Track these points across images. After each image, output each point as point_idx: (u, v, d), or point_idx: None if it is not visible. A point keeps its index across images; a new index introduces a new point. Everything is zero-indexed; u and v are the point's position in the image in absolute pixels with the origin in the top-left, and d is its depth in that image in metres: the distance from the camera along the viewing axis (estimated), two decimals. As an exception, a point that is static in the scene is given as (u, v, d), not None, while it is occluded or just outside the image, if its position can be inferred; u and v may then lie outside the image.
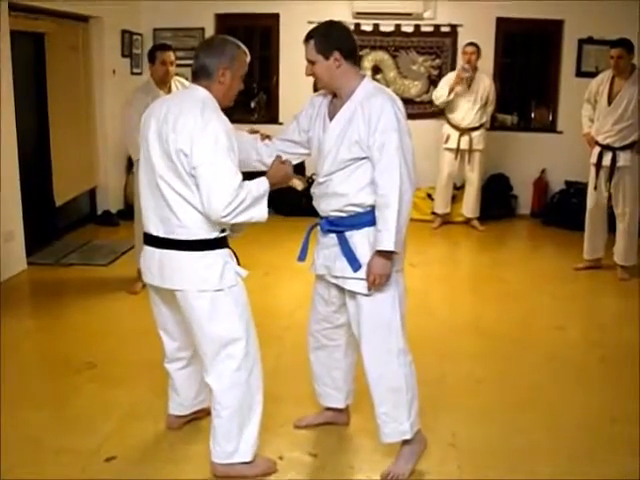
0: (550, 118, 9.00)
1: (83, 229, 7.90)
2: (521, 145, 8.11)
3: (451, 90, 7.71)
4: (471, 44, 7.80)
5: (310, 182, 8.66)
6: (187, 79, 7.65)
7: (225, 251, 3.08)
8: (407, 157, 3.00)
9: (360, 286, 3.12)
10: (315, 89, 8.83)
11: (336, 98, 3.19)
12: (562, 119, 8.80)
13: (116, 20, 8.15)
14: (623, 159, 6.25)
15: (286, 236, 6.75)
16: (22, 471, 3.25)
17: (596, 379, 4.40)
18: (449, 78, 7.85)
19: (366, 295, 3.13)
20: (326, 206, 3.19)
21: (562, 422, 3.82)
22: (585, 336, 5.16)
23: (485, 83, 7.85)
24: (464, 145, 7.88)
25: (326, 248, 3.25)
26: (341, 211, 3.14)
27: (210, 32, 8.87)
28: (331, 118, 3.16)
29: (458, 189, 8.51)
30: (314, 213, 3.25)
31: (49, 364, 4.52)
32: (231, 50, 3.07)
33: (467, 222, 8.28)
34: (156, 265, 3.08)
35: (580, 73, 8.58)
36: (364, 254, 3.10)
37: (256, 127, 3.69)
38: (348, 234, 3.15)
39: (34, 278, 6.26)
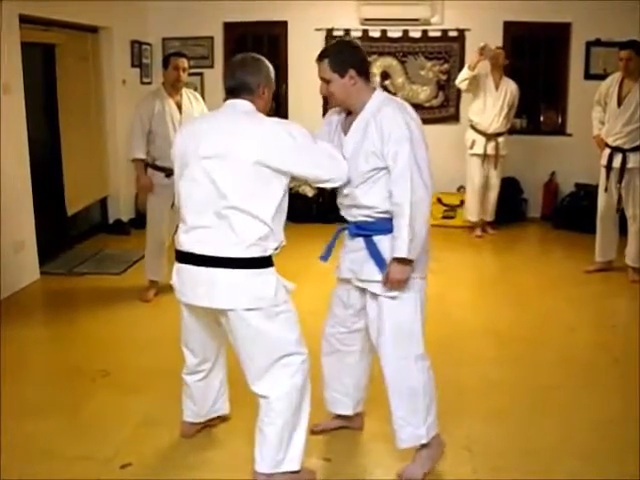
0: (559, 121, 8.99)
1: (95, 238, 7.93)
2: (530, 148, 8.11)
3: (473, 66, 7.63)
4: (498, 47, 7.83)
5: (319, 189, 8.70)
6: (196, 89, 7.76)
7: (274, 268, 3.09)
8: (421, 165, 3.02)
9: (387, 289, 3.15)
10: (325, 98, 8.90)
11: (350, 114, 3.22)
12: (571, 122, 8.79)
13: (125, 30, 8.21)
14: (633, 161, 6.24)
15: (297, 242, 6.76)
16: (36, 479, 3.27)
17: (608, 381, 4.39)
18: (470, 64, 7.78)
19: (391, 298, 3.15)
20: (355, 214, 3.22)
21: (576, 424, 3.81)
22: (597, 338, 5.15)
23: (511, 87, 7.81)
24: (490, 150, 7.84)
25: (353, 252, 3.27)
26: (369, 217, 3.17)
27: (219, 41, 8.93)
28: (346, 133, 3.20)
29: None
30: (324, 219, 3.29)
31: (63, 372, 4.54)
32: (266, 69, 3.18)
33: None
34: (204, 284, 3.01)
35: (588, 75, 8.56)
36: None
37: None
38: (376, 238, 3.18)
39: (47, 288, 6.30)
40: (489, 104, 7.78)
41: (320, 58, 3.16)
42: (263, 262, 3.01)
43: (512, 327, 5.30)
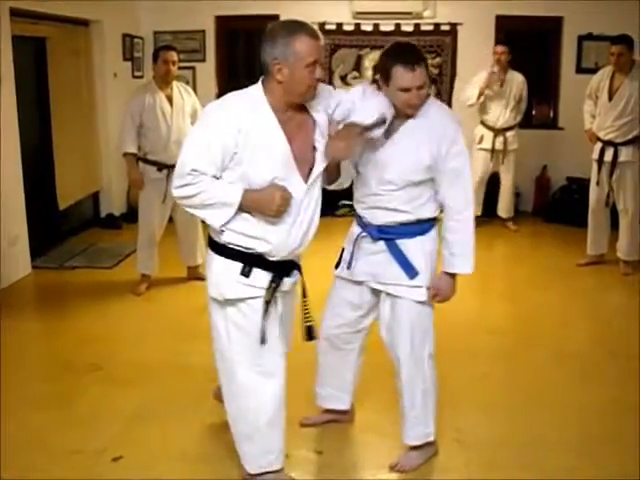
0: (551, 114, 9.00)
1: (87, 232, 7.91)
2: (522, 142, 8.09)
3: (480, 93, 7.59)
4: (501, 44, 7.80)
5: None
6: (187, 82, 7.75)
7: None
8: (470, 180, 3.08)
9: (414, 293, 3.15)
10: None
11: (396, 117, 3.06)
12: (563, 115, 8.80)
13: (117, 24, 8.18)
14: (624, 154, 6.26)
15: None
16: (29, 471, 3.28)
17: (602, 373, 4.40)
18: (478, 78, 7.67)
19: (419, 302, 3.16)
20: (381, 218, 3.14)
21: (568, 417, 3.83)
22: (589, 331, 5.17)
23: (518, 80, 7.76)
24: (499, 145, 7.81)
25: (372, 254, 3.21)
26: (395, 221, 3.12)
27: (211, 34, 8.91)
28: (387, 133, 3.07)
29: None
30: (323, 214, 3.13)
31: (55, 366, 4.54)
32: (283, 38, 2.67)
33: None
34: None
35: (580, 69, 8.57)
36: (419, 263, 3.13)
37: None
38: (399, 241, 3.14)
39: (39, 282, 6.29)
40: (495, 100, 7.73)
41: (418, 62, 2.92)
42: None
43: (503, 321, 5.32)
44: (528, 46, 8.90)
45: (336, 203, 3.26)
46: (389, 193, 3.08)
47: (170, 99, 5.68)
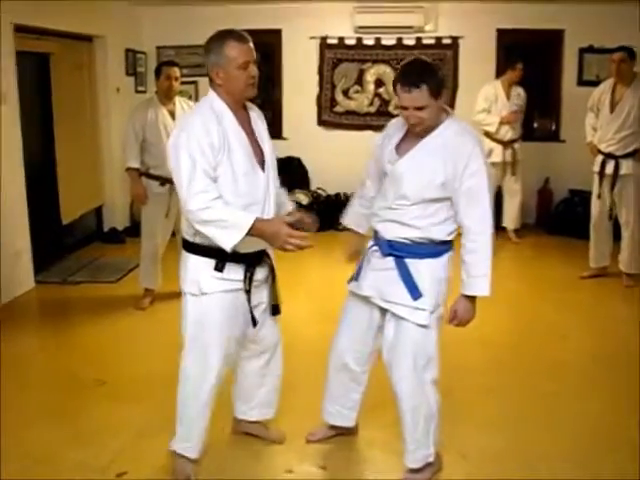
0: (553, 127, 9.03)
1: (90, 247, 7.93)
2: (524, 155, 8.12)
3: (501, 123, 7.75)
4: (519, 60, 7.88)
5: (314, 196, 8.71)
6: (190, 97, 7.79)
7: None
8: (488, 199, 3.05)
9: (416, 316, 3.10)
10: (319, 104, 8.95)
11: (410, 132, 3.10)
12: (565, 128, 8.83)
13: (120, 39, 8.23)
14: (625, 167, 6.27)
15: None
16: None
17: (603, 386, 4.40)
18: (486, 93, 7.82)
19: (421, 326, 3.12)
20: (392, 232, 3.13)
21: (570, 430, 3.82)
22: (591, 344, 5.15)
23: (519, 92, 7.89)
24: (509, 157, 7.90)
25: (379, 270, 3.19)
26: (408, 238, 3.10)
27: (213, 49, 8.93)
28: (398, 148, 3.11)
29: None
30: (323, 228, 3.19)
31: (59, 381, 4.54)
32: (215, 47, 3.00)
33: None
34: None
35: (582, 82, 8.61)
36: (425, 285, 3.10)
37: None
38: (409, 261, 3.11)
39: (42, 296, 6.29)
40: (502, 114, 7.78)
41: (416, 84, 2.91)
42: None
43: (505, 334, 5.31)
44: (529, 59, 8.89)
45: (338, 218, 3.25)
46: (403, 207, 3.07)
47: (172, 114, 5.71)
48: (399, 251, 3.12)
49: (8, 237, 5.97)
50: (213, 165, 2.91)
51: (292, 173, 8.69)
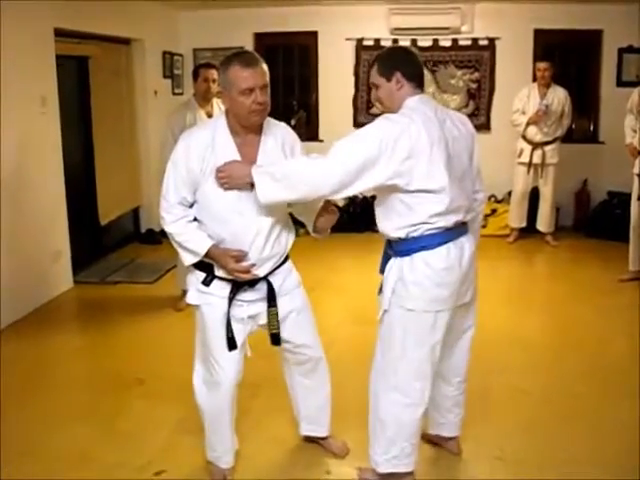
0: (591, 128, 8.93)
1: (127, 248, 8.02)
2: (562, 156, 8.04)
3: (528, 124, 7.70)
4: (542, 59, 7.83)
5: (351, 198, 8.70)
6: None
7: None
8: None
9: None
10: (355, 106, 8.95)
11: None
12: (603, 129, 8.73)
13: (157, 42, 8.31)
14: (665, 169, 6.20)
15: (328, 252, 6.80)
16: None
17: (638, 390, 4.33)
18: (522, 95, 7.79)
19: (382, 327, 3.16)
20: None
21: (608, 433, 3.78)
22: (629, 347, 5.08)
23: (560, 96, 7.73)
24: (537, 159, 7.79)
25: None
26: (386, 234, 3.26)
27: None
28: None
29: (499, 202, 8.51)
30: (355, 229, 3.19)
31: (98, 380, 4.60)
32: (223, 67, 2.94)
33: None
34: None
35: (621, 83, 8.50)
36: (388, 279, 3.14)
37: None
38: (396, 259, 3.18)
39: (81, 296, 6.38)
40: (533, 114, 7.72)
41: (372, 64, 3.12)
42: None
43: (544, 336, 5.28)
44: (567, 60, 8.86)
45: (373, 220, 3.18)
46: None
47: (210, 116, 5.73)
48: (392, 250, 3.19)
49: (48, 237, 6.07)
50: (190, 187, 3.02)
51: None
